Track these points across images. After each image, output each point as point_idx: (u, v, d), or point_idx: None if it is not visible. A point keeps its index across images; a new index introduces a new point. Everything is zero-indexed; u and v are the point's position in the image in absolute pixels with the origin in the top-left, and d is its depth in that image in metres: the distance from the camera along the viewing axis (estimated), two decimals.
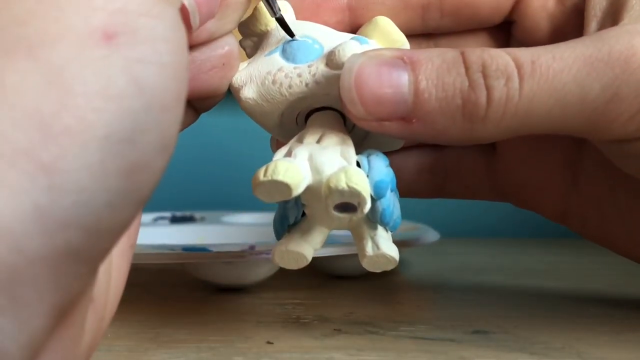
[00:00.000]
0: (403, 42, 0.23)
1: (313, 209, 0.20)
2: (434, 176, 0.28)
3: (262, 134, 0.26)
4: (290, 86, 0.21)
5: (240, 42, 0.23)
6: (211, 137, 0.54)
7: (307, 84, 0.21)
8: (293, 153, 0.19)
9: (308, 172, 0.19)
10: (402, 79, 0.20)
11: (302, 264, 0.21)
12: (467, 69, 0.20)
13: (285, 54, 0.21)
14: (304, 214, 0.21)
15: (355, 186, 0.18)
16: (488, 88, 0.19)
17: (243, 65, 0.22)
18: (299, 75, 0.21)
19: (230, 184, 0.53)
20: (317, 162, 0.19)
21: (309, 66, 0.21)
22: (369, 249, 0.21)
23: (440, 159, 0.28)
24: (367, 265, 0.21)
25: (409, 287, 0.33)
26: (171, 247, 0.32)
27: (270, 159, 0.19)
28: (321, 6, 0.23)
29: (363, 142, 0.22)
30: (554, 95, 0.19)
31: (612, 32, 0.20)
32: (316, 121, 0.21)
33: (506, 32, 0.26)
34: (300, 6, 0.23)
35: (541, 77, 0.19)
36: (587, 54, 0.20)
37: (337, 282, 0.33)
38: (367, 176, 0.20)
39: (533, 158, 0.27)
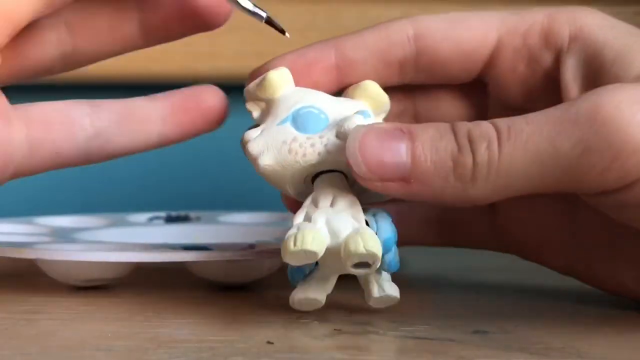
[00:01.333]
0: (386, 102, 0.26)
1: (328, 264, 0.24)
2: (442, 227, 0.30)
3: None
4: (304, 155, 0.24)
5: (246, 106, 0.26)
6: (207, 137, 0.53)
7: (319, 153, 0.24)
8: (313, 219, 0.23)
9: (327, 236, 0.23)
10: (401, 145, 0.22)
11: (318, 307, 0.25)
12: (455, 135, 0.22)
13: (295, 123, 0.24)
14: (316, 263, 0.24)
15: (371, 249, 0.22)
16: (473, 151, 0.22)
17: (256, 132, 0.25)
18: (312, 145, 0.24)
19: (225, 183, 0.53)
20: (333, 226, 0.23)
21: (320, 137, 0.24)
22: (375, 291, 0.25)
23: (447, 212, 0.30)
24: (373, 304, 0.25)
25: (409, 287, 0.33)
26: (171, 246, 0.32)
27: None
28: (312, 67, 0.26)
29: (362, 195, 0.25)
30: (529, 155, 0.21)
31: (583, 96, 0.22)
32: (325, 183, 0.24)
33: (483, 88, 0.28)
34: (293, 67, 0.26)
35: (516, 139, 0.22)
36: (557, 116, 0.22)
37: (337, 282, 0.33)
38: (376, 234, 0.23)
39: (530, 217, 0.28)
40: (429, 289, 0.32)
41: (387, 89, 0.27)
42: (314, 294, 0.25)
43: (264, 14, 0.24)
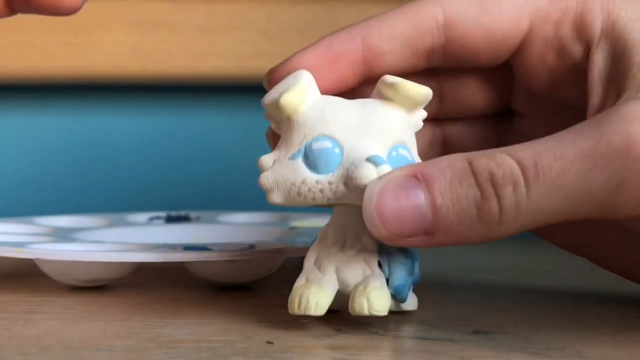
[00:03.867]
0: (421, 98, 0.24)
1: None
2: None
3: (258, 134, 0.26)
4: (314, 198, 0.23)
5: (265, 116, 0.25)
6: (207, 137, 0.54)
7: (329, 199, 0.23)
8: (322, 268, 0.24)
9: (335, 285, 0.24)
10: (419, 198, 0.21)
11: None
12: (476, 179, 0.21)
13: (307, 160, 0.23)
14: None
15: (375, 313, 0.23)
16: (498, 197, 0.21)
17: (269, 162, 0.24)
18: (321, 191, 0.23)
19: (225, 183, 0.53)
20: (343, 275, 0.24)
21: (329, 183, 0.23)
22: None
23: None
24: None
25: None
26: (171, 246, 0.32)
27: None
28: (338, 62, 0.25)
29: None
30: (560, 193, 0.21)
31: (610, 119, 0.21)
32: (339, 216, 0.24)
33: (510, 70, 0.27)
34: (317, 63, 0.25)
35: (545, 178, 0.20)
36: (587, 149, 0.21)
37: None
38: (387, 280, 0.23)
39: None
40: (429, 289, 0.32)
41: (411, 76, 0.25)
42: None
43: None
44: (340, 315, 0.26)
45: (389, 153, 0.24)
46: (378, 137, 0.24)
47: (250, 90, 0.40)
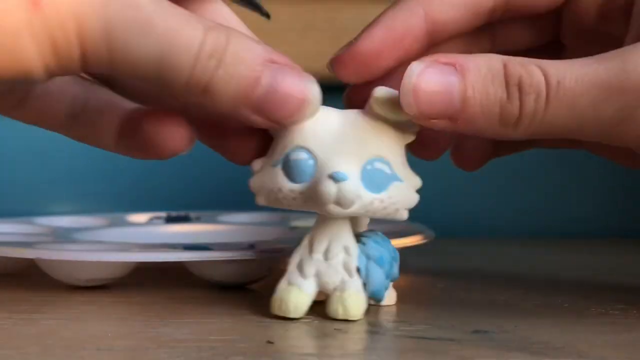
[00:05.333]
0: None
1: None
2: None
3: None
4: (289, 205, 0.25)
5: None
6: None
7: (302, 204, 0.25)
8: (304, 271, 0.25)
9: (315, 289, 0.25)
10: (453, 86, 0.23)
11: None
12: (507, 81, 0.23)
13: (285, 169, 0.25)
14: None
15: (349, 317, 0.25)
16: (521, 102, 0.23)
17: (259, 166, 0.26)
18: (294, 199, 0.25)
19: (225, 183, 0.53)
20: (322, 279, 0.25)
21: (301, 192, 0.24)
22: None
23: None
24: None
25: (409, 286, 0.33)
26: (171, 246, 0.32)
27: None
28: (403, 40, 0.26)
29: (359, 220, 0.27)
30: (572, 114, 0.23)
31: (632, 57, 0.23)
32: (322, 222, 0.26)
33: (557, 16, 0.29)
34: (384, 44, 0.26)
35: (563, 97, 0.23)
36: (607, 80, 0.23)
37: None
38: (365, 284, 0.25)
39: None
40: (429, 288, 0.32)
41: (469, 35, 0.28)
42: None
43: None
44: None
45: (363, 167, 0.24)
46: (352, 151, 0.24)
47: None
